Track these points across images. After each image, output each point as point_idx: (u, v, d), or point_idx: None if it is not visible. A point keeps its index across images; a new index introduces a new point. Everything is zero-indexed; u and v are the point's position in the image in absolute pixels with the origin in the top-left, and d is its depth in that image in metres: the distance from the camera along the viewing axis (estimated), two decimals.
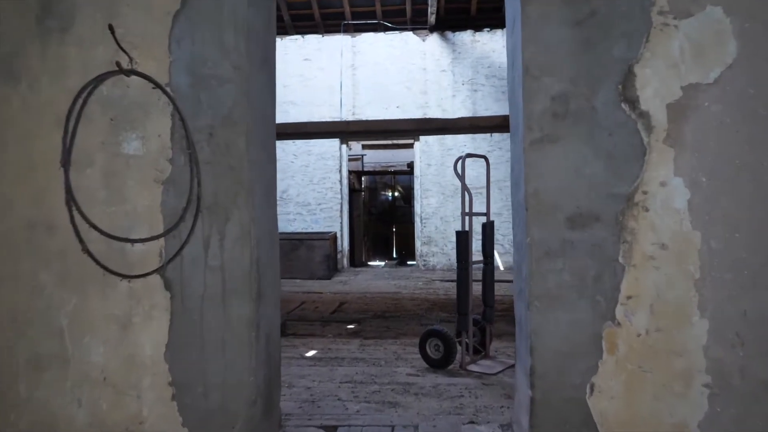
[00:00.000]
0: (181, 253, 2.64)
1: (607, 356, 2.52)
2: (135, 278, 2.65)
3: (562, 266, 2.54)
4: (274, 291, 2.97)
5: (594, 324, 2.52)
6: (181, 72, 2.66)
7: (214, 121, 2.65)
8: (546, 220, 2.55)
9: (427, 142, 11.26)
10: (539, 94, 2.56)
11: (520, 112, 2.63)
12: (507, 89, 3.07)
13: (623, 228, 2.51)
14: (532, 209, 2.56)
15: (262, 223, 2.78)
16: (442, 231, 11.28)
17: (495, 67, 11.24)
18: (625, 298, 2.51)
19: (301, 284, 9.64)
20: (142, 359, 2.67)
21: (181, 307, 2.65)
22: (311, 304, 7.64)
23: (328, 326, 6.22)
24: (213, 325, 2.64)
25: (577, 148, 2.54)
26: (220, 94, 2.65)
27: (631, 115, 2.51)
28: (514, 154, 2.91)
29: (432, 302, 7.74)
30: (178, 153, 2.65)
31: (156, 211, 2.66)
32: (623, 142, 2.51)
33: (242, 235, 2.63)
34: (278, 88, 10.73)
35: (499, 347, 5.11)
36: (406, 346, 5.21)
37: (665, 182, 2.49)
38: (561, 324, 2.54)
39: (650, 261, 2.50)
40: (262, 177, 2.83)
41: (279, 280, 3.10)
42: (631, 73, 2.52)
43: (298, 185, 11.49)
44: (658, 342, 2.50)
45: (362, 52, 11.56)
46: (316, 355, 4.94)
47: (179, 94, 2.65)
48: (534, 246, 2.55)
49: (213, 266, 2.64)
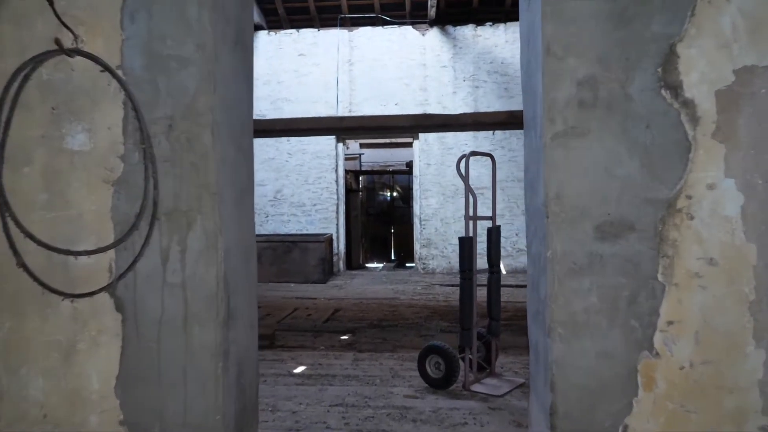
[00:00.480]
0: (135, 267, 2.21)
1: (643, 393, 2.10)
2: (80, 297, 2.22)
3: (589, 286, 2.12)
4: (248, 311, 2.54)
5: (628, 355, 2.10)
6: (135, 52, 2.24)
7: (174, 111, 2.22)
8: (570, 229, 2.12)
9: (426, 140, 10.83)
10: (563, 79, 2.13)
11: (539, 101, 2.21)
12: (521, 74, 2.65)
13: (663, 240, 2.09)
14: (553, 217, 2.13)
15: (234, 232, 2.36)
16: (442, 233, 10.85)
17: (497, 63, 10.82)
18: (665, 323, 2.09)
19: (295, 289, 9.22)
20: (88, 394, 2.25)
21: (135, 333, 2.23)
22: (304, 311, 7.22)
23: (321, 337, 5.79)
24: (172, 353, 2.22)
25: (607, 144, 2.12)
26: (181, 78, 2.22)
27: (672, 103, 2.09)
28: (529, 151, 2.49)
29: (432, 309, 7.32)
30: (131, 149, 2.23)
31: (105, 217, 2.24)
32: (663, 137, 2.09)
33: (207, 247, 2.21)
34: (272, 84, 10.37)
35: (505, 363, 4.69)
36: (403, 361, 4.79)
37: (714, 185, 2.07)
38: (588, 355, 2.12)
39: (695, 279, 2.08)
40: (234, 178, 2.40)
41: (255, 298, 2.67)
42: (673, 53, 2.09)
43: (293, 185, 11.06)
44: (704, 376, 2.08)
45: (359, 47, 11.13)
46: (305, 372, 4.52)
47: (133, 79, 2.23)
48: (556, 261, 2.13)
49: (172, 284, 2.22)
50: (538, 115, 2.25)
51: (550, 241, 2.14)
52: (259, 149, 10.99)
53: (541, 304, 2.27)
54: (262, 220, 11.06)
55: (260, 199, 11.04)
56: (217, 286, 2.21)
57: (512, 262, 10.56)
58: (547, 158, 2.15)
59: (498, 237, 4.30)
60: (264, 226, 11.03)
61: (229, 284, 2.28)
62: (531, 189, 2.46)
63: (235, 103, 2.44)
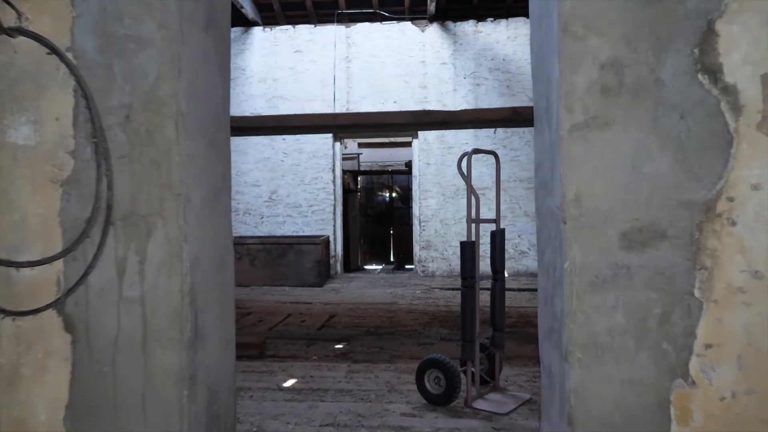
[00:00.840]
0: (86, 280, 1.91)
1: (677, 428, 1.80)
2: (23, 315, 1.93)
3: (614, 302, 1.82)
4: (222, 328, 2.24)
5: (659, 383, 1.80)
6: (87, 32, 1.94)
7: (132, 100, 1.92)
8: (592, 237, 1.82)
9: (426, 139, 10.52)
10: (583, 61, 1.83)
11: (555, 88, 1.91)
12: (531, 60, 2.35)
13: (700, 249, 1.79)
14: (572, 222, 1.83)
15: (203, 239, 2.06)
16: (442, 235, 10.54)
17: (499, 60, 10.51)
18: (702, 346, 1.79)
19: (290, 293, 8.91)
20: (33, 425, 1.95)
21: (87, 356, 1.93)
22: (298, 317, 6.92)
23: (314, 345, 5.49)
24: (130, 379, 1.92)
25: (635, 137, 1.82)
26: (140, 62, 1.92)
27: (711, 90, 1.79)
28: (542, 146, 2.19)
29: (431, 315, 7.02)
30: (82, 143, 1.93)
31: (52, 222, 1.94)
32: (700, 128, 1.79)
33: (170, 256, 1.91)
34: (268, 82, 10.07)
35: (509, 375, 4.39)
36: (401, 373, 4.48)
37: (760, 185, 1.77)
38: (612, 383, 1.82)
39: (738, 295, 1.78)
40: (204, 176, 2.10)
41: (231, 312, 2.37)
42: (712, 31, 1.79)
43: (289, 185, 10.75)
44: (749, 408, 1.78)
45: (357, 43, 10.82)
46: (295, 386, 4.21)
47: (85, 63, 1.93)
48: (575, 273, 1.83)
49: (130, 299, 1.92)
50: (552, 104, 1.95)
51: (568, 250, 1.83)
52: (254, 148, 10.70)
53: (556, 322, 1.97)
54: (257, 221, 10.77)
55: (255, 200, 10.75)
56: (181, 302, 1.91)
57: (514, 264, 10.26)
58: (564, 154, 1.85)
59: (503, 241, 3.99)
60: (259, 228, 10.73)
61: (197, 299, 1.98)
62: (543, 189, 2.16)
63: (205, 91, 2.14)
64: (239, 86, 10.79)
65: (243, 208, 10.75)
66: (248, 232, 10.65)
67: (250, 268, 9.52)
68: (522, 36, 10.47)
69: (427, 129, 8.29)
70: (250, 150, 10.71)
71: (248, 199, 10.76)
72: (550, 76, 1.98)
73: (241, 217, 10.72)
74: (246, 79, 10.82)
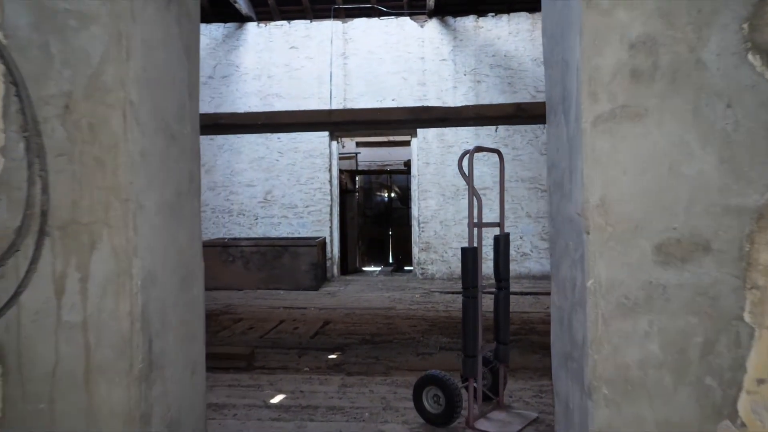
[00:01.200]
0: (18, 301, 1.61)
1: None
2: None
3: (647, 329, 1.51)
4: (188, 353, 1.94)
5: (702, 425, 1.50)
6: (19, 6, 1.63)
7: (72, 87, 1.62)
8: (621, 250, 1.52)
9: (425, 138, 10.22)
10: (610, 40, 1.53)
11: (574, 73, 1.61)
12: (542, 43, 2.04)
13: (751, 264, 1.49)
14: (597, 232, 1.53)
15: (161, 251, 1.75)
16: (441, 236, 10.23)
17: (500, 56, 10.20)
18: (754, 382, 1.49)
19: (284, 297, 8.61)
20: None
21: (19, 390, 1.63)
22: (291, 323, 6.61)
23: (306, 355, 5.19)
24: (70, 418, 1.62)
25: (672, 130, 1.52)
26: (82, 42, 1.62)
27: (764, 73, 1.49)
28: (556, 142, 1.88)
29: (430, 322, 6.71)
30: (13, 138, 1.63)
31: None
32: (751, 120, 1.49)
33: (118, 273, 1.60)
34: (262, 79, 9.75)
35: (513, 390, 4.08)
36: (397, 388, 4.18)
37: None
38: (646, 425, 1.51)
39: None
40: (163, 178, 1.80)
41: (200, 334, 2.06)
42: (765, 2, 1.49)
43: (284, 186, 10.44)
44: None
45: (354, 39, 10.51)
46: (283, 402, 3.91)
47: (16, 42, 1.63)
48: (601, 294, 1.52)
49: (70, 324, 1.61)
50: (571, 92, 1.65)
51: (592, 265, 1.53)
52: (248, 147, 10.41)
53: (576, 349, 1.67)
54: (251, 222, 10.46)
55: (249, 200, 10.45)
56: (131, 327, 1.60)
57: (516, 267, 9.95)
58: (586, 150, 1.55)
59: (507, 246, 3.68)
60: (253, 229, 10.43)
61: (152, 322, 1.67)
62: (559, 192, 1.85)
63: (164, 78, 1.83)
64: (233, 84, 10.50)
65: (237, 209, 10.46)
66: (242, 234, 10.35)
67: (243, 271, 9.22)
68: (524, 31, 10.17)
69: (426, 126, 7.98)
70: (244, 149, 10.41)
71: (242, 199, 10.46)
72: (569, 58, 1.68)
73: (235, 218, 10.43)
74: (240, 77, 10.52)
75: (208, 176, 10.39)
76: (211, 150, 10.43)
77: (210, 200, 10.45)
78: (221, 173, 10.45)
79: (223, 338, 5.85)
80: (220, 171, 10.45)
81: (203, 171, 10.52)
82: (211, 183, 10.42)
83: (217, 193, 10.46)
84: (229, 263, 9.23)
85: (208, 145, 10.39)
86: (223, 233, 10.40)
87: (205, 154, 10.43)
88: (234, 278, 9.16)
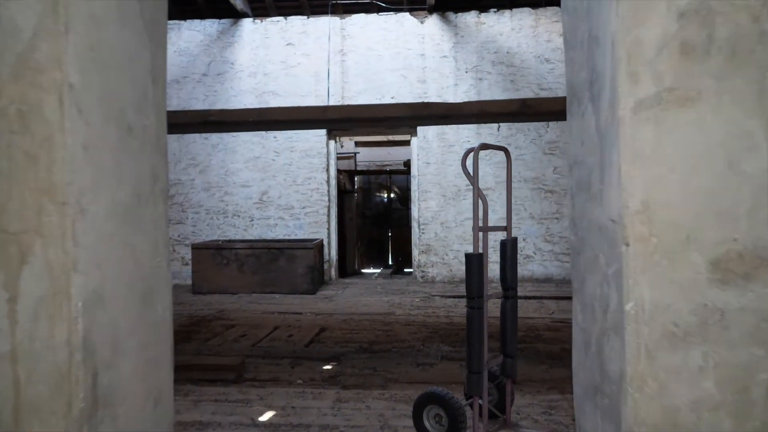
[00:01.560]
0: None
1: None
2: None
3: (702, 363, 1.23)
4: (150, 383, 1.65)
5: None
6: None
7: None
8: (668, 266, 1.24)
9: (425, 137, 9.94)
10: (655, 6, 1.24)
11: (608, 49, 1.32)
12: (562, 19, 1.76)
13: None
14: (638, 244, 1.25)
15: (111, 265, 1.47)
16: (442, 238, 9.94)
17: (503, 53, 9.92)
18: None
19: (280, 301, 8.32)
20: None
21: None
22: (285, 329, 6.33)
23: (300, 366, 4.90)
24: None
25: (731, 117, 1.23)
26: (11, 12, 1.34)
27: None
28: (581, 134, 1.60)
29: (431, 329, 6.42)
30: None
31: None
32: None
33: (54, 293, 1.32)
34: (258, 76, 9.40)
35: (520, 405, 3.79)
36: (396, 403, 3.89)
37: None
38: None
39: None
40: (115, 177, 1.51)
41: (167, 358, 1.78)
42: None
43: (280, 186, 10.15)
44: None
45: (352, 35, 10.22)
46: (272, 420, 3.62)
47: None
48: (644, 320, 1.24)
49: None
50: (604, 73, 1.37)
51: (633, 284, 1.25)
52: (243, 147, 10.13)
53: (607, 384, 1.38)
54: (246, 224, 10.18)
55: (245, 201, 10.16)
56: (69, 358, 1.32)
57: (519, 269, 9.55)
58: (624, 143, 1.26)
59: (514, 252, 3.39)
60: (249, 231, 10.14)
61: (97, 352, 1.39)
62: (585, 193, 1.57)
63: (120, 58, 1.55)
64: (227, 81, 10.22)
65: (232, 210, 10.17)
66: (237, 236, 10.07)
67: (238, 274, 8.94)
68: (527, 28, 9.89)
69: (426, 123, 7.69)
70: (239, 148, 10.13)
71: (237, 200, 10.17)
72: (598, 34, 1.40)
73: (230, 219, 10.15)
74: (235, 74, 10.24)
75: (202, 176, 10.12)
76: (205, 149, 10.15)
77: (204, 201, 10.17)
78: (215, 173, 10.17)
79: (212, 347, 5.56)
80: (215, 171, 10.17)
81: (197, 171, 10.24)
82: (205, 183, 10.14)
83: (211, 194, 10.18)
84: (223, 266, 8.95)
85: (202, 145, 10.12)
86: (217, 235, 10.11)
87: (199, 154, 10.15)
88: (228, 282, 8.87)
